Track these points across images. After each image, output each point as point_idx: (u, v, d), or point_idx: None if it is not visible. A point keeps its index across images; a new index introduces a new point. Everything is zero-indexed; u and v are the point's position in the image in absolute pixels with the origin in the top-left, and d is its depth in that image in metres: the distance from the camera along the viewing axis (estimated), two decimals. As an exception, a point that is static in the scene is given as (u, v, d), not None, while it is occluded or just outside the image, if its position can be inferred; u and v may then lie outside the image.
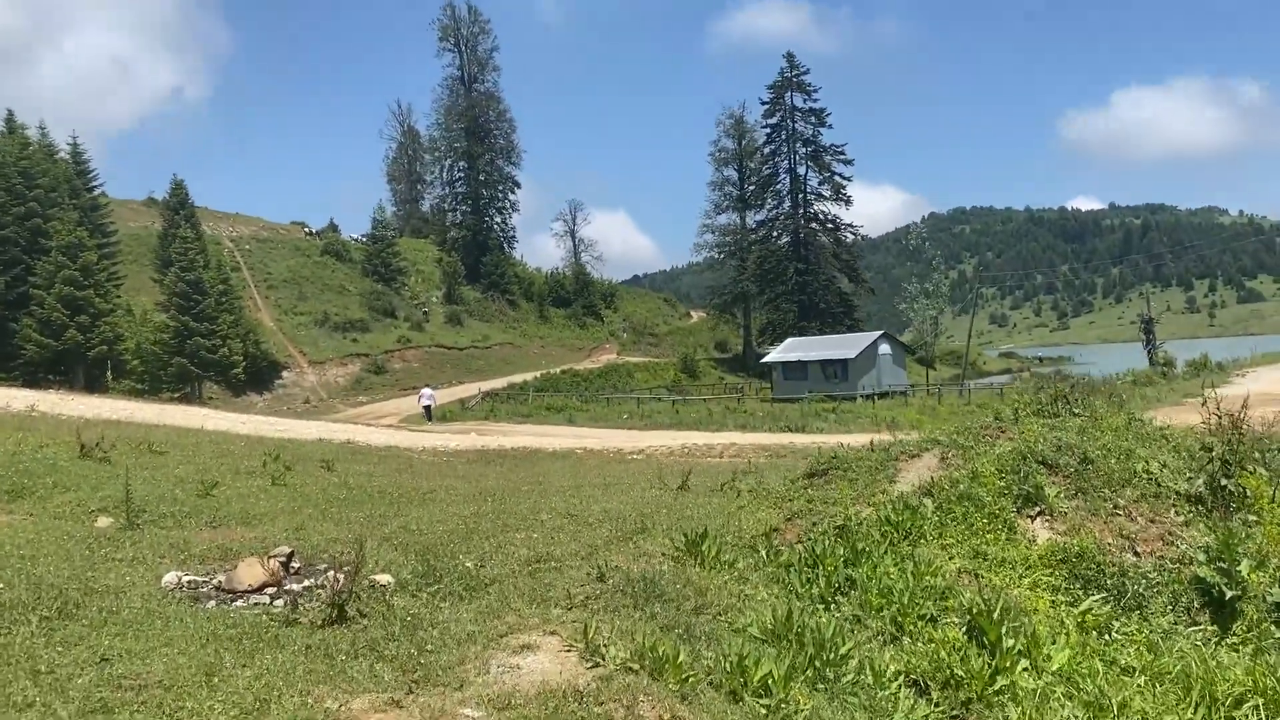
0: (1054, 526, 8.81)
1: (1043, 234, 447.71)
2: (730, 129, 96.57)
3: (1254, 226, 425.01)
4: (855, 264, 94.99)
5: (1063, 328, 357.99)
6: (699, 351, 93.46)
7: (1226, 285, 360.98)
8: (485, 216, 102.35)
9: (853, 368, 64.95)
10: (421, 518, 12.59)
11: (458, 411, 53.57)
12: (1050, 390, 12.04)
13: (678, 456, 24.04)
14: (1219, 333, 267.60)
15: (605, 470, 20.39)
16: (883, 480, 9.83)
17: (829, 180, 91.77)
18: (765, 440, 27.39)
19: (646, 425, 38.11)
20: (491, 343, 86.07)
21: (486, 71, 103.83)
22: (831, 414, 43.63)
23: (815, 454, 22.97)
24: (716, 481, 15.56)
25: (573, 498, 14.42)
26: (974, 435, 10.39)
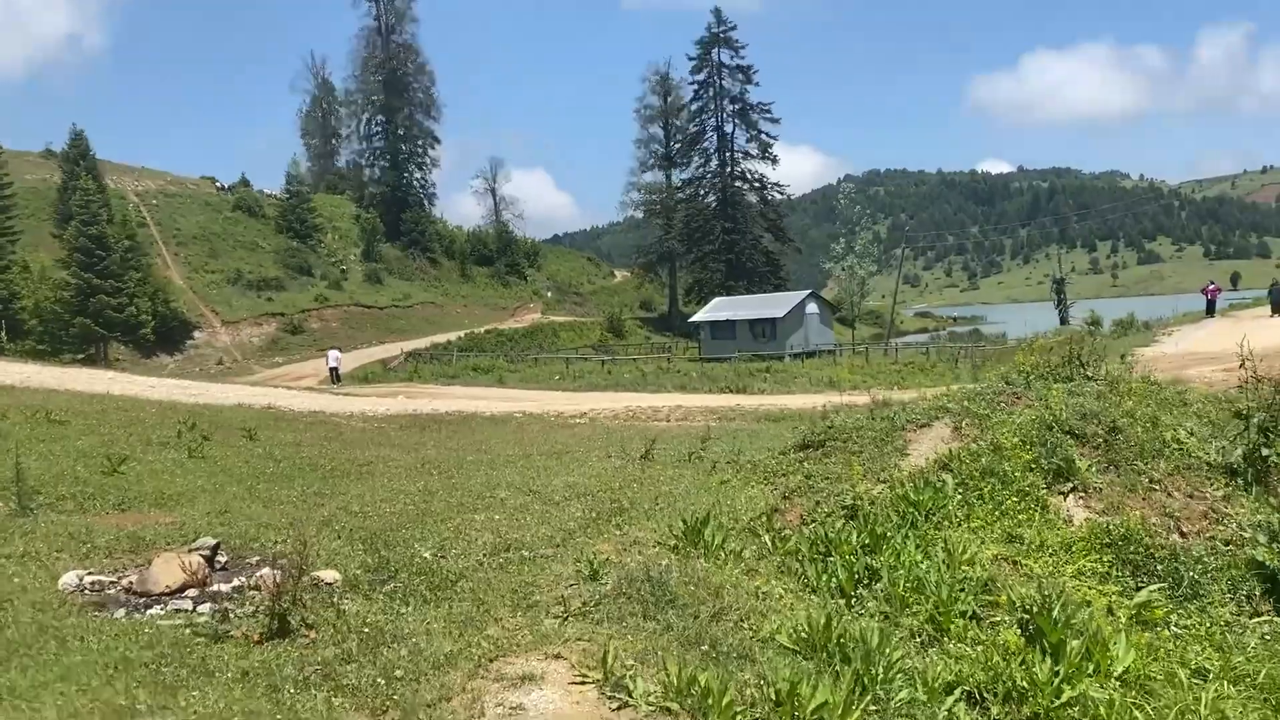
0: (1089, 504, 7.91)
1: (954, 196, 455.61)
2: (656, 86, 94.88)
3: (1154, 190, 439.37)
4: (782, 223, 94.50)
5: (973, 288, 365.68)
6: (624, 311, 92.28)
7: (1128, 247, 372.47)
8: (404, 172, 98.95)
9: (781, 327, 64.55)
10: (363, 496, 11.23)
11: (380, 373, 51.55)
12: (1063, 351, 11.16)
13: (622, 420, 22.92)
14: (1121, 293, 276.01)
15: (550, 436, 19.16)
16: (891, 453, 8.82)
17: (756, 139, 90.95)
18: (709, 402, 26.40)
19: (580, 386, 36.85)
20: (413, 302, 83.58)
21: (405, 22, 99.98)
22: (765, 373, 42.98)
23: (769, 416, 22.19)
24: (679, 449, 14.48)
25: (527, 469, 13.18)
26: (988, 402, 9.44)
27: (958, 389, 11.83)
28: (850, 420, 9.78)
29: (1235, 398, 10.02)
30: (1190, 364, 30.65)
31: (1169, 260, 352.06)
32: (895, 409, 9.89)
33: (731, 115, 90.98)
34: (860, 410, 22.63)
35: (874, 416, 9.76)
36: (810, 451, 9.46)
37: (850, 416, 10.24)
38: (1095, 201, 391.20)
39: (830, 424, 9.69)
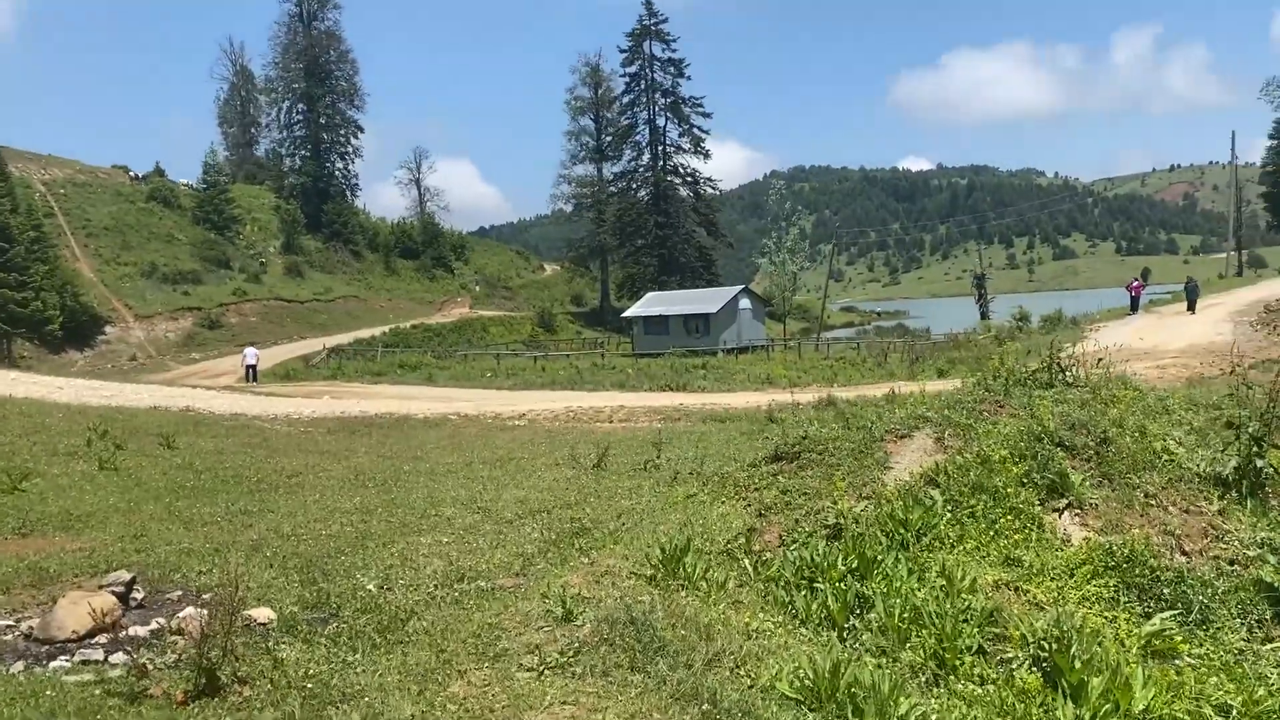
0: (1086, 522, 7.44)
1: (876, 193, 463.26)
2: (587, 77, 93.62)
3: (1069, 188, 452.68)
4: (714, 218, 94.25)
5: (894, 283, 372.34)
6: (556, 306, 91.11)
7: (1043, 243, 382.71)
8: (326, 162, 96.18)
9: (714, 322, 64.29)
10: (295, 514, 10.32)
11: (302, 370, 49.82)
12: (1042, 356, 10.71)
13: (563, 421, 22.16)
14: (1038, 288, 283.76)
15: (490, 441, 18.32)
16: (872, 466, 8.25)
17: (689, 133, 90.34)
18: (651, 401, 25.77)
19: (515, 384, 35.91)
20: (335, 295, 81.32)
21: (327, 9, 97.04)
22: (702, 369, 42.55)
23: (715, 416, 21.65)
24: (633, 457, 13.81)
25: (470, 481, 12.38)
26: (969, 411, 8.92)
27: (933, 395, 11.33)
28: (825, 430, 9.19)
29: (1220, 404, 9.69)
30: (1122, 361, 30.97)
31: (1083, 256, 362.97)
32: (871, 418, 9.33)
33: (664, 109, 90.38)
34: (806, 410, 22.33)
35: (850, 426, 9.19)
36: (784, 464, 8.85)
37: (822, 426, 9.65)
38: (1012, 199, 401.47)
39: (804, 434, 9.09)
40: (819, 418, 16.81)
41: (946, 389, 23.55)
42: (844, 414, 10.41)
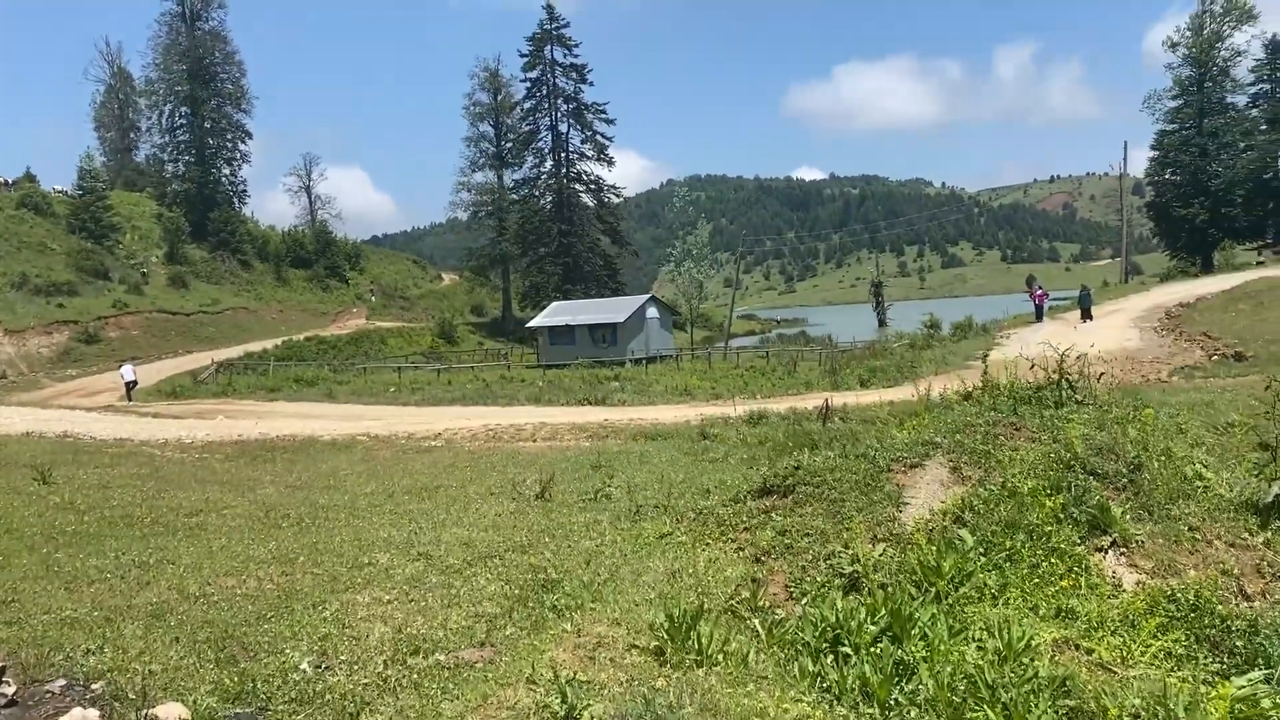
0: (1135, 563, 6.60)
1: (771, 202, 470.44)
2: (486, 82, 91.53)
3: (955, 198, 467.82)
4: (619, 226, 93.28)
5: (790, 291, 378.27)
6: (456, 316, 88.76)
7: (933, 251, 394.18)
8: (212, 168, 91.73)
9: (622, 332, 63.30)
10: (200, 565, 8.84)
11: (190, 386, 46.91)
12: (1047, 371, 9.88)
13: (483, 441, 20.80)
14: (929, 295, 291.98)
15: (409, 466, 16.88)
16: (884, 502, 7.28)
17: (592, 139, 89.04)
18: (573, 417, 24.53)
19: (422, 400, 34.20)
20: (223, 307, 77.51)
21: (211, 8, 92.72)
22: (615, 380, 41.52)
23: (646, 433, 20.58)
24: (578, 485, 12.63)
25: (399, 517, 11.02)
26: (985, 435, 8.03)
27: (882, 404, 10.40)
28: (820, 459, 8.20)
29: (1250, 425, 9.02)
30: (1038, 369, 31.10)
31: (971, 264, 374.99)
32: (871, 443, 8.39)
33: (566, 115, 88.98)
34: (739, 424, 21.47)
35: (846, 453, 8.21)
36: (775, 499, 7.83)
37: (814, 454, 8.67)
38: (902, 208, 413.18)
39: (797, 464, 8.07)
40: (770, 436, 15.95)
41: (893, 399, 23.09)
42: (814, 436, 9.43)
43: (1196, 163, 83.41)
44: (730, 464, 13.77)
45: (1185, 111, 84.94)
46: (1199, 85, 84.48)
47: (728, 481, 11.22)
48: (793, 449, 13.97)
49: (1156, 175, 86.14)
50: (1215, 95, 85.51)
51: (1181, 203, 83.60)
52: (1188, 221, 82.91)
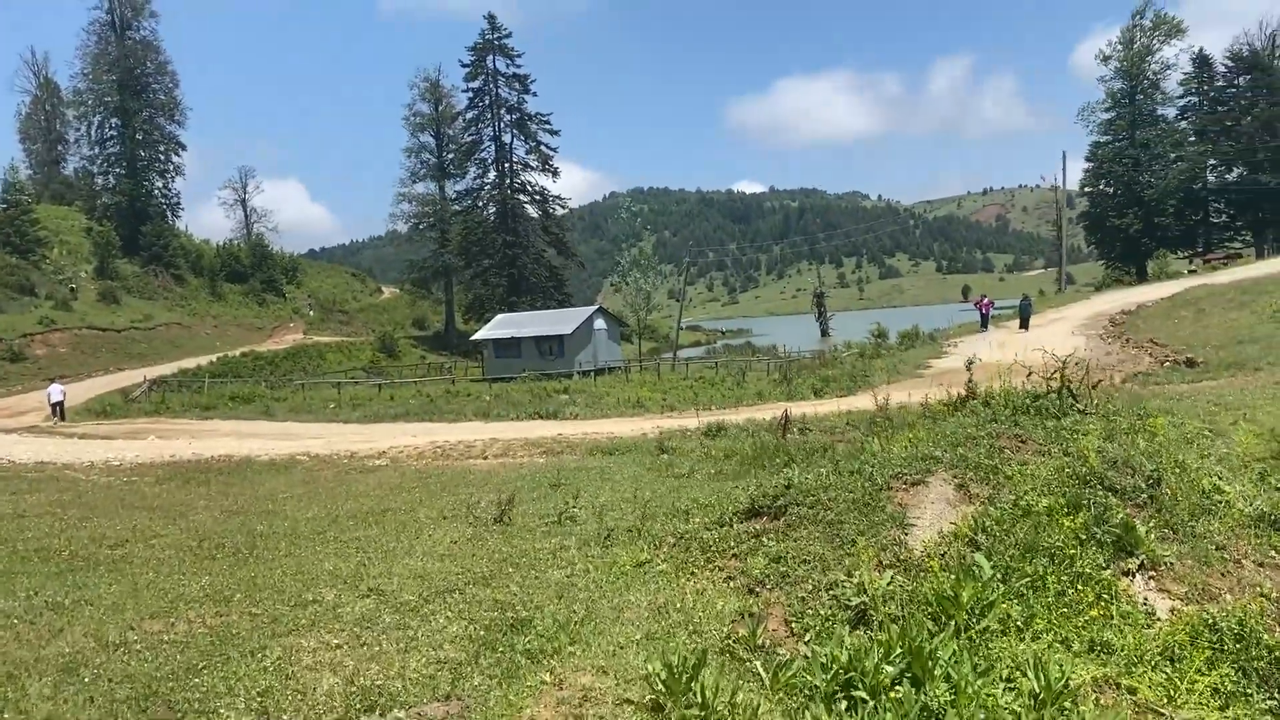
0: (1166, 587, 6.04)
1: (713, 214, 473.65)
2: (426, 93, 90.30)
3: (892, 210, 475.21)
4: (564, 237, 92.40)
5: (733, 302, 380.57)
6: (397, 330, 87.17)
7: (870, 262, 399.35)
8: (144, 181, 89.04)
9: (569, 344, 62.50)
10: (123, 606, 7.92)
11: (121, 405, 44.97)
12: (1047, 378, 9.32)
13: (430, 460, 19.87)
14: (868, 305, 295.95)
15: (352, 487, 15.92)
16: (886, 524, 6.63)
17: (536, 150, 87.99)
18: (525, 432, 23.68)
19: (364, 417, 33.03)
20: (156, 323, 75.12)
21: (142, 17, 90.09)
22: (564, 394, 40.72)
23: (603, 448, 19.82)
24: (538, 505, 11.84)
25: (345, 545, 10.15)
26: (989, 449, 7.44)
27: (840, 414, 9.77)
28: (812, 477, 7.54)
29: (1258, 431, 8.57)
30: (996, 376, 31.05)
31: (907, 275, 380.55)
32: (868, 457, 7.75)
33: (509, 125, 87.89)
34: (697, 436, 20.83)
35: (840, 470, 7.57)
36: (765, 521, 7.15)
37: (805, 470, 8.01)
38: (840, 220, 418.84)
39: (788, 482, 7.41)
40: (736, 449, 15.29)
41: (850, 408, 22.64)
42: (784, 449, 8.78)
43: (1130, 174, 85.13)
44: (697, 480, 13.09)
45: (1118, 123, 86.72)
46: (1130, 98, 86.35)
47: (700, 499, 10.54)
48: (762, 462, 13.37)
49: (1091, 186, 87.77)
50: (1146, 108, 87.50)
51: (1116, 213, 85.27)
52: (1122, 231, 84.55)
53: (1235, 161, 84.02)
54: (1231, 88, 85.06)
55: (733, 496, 8.26)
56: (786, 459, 11.64)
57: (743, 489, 8.43)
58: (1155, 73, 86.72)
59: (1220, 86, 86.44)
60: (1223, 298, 41.51)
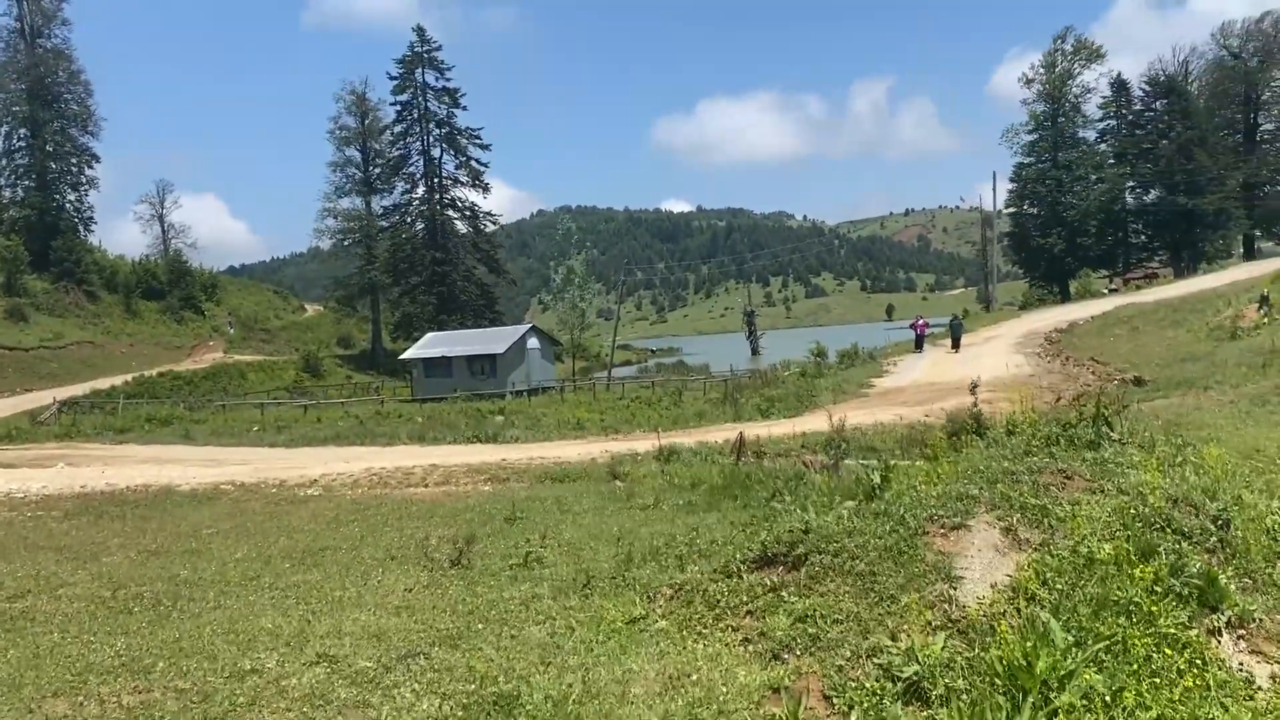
0: (1261, 649, 5.31)
1: (641, 233, 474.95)
2: (353, 106, 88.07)
3: (817, 230, 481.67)
4: (496, 254, 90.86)
5: (661, 320, 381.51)
6: (321, 349, 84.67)
7: (797, 281, 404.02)
8: (55, 194, 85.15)
9: (501, 363, 61.16)
10: (18, 683, 6.69)
11: (27, 428, 42.38)
12: (1083, 405, 8.55)
13: (367, 489, 18.62)
14: (795, 324, 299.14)
15: (285, 521, 14.65)
16: (929, 576, 5.77)
17: (466, 165, 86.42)
18: (466, 457, 22.44)
19: (292, 440, 31.41)
20: (66, 341, 71.75)
21: (54, 24, 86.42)
22: (498, 414, 39.53)
23: (553, 474, 18.78)
24: (498, 543, 10.79)
25: (285, 597, 8.99)
26: (1032, 486, 6.64)
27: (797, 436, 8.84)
28: (833, 520, 6.64)
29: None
30: (943, 394, 30.94)
31: (833, 294, 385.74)
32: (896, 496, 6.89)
33: (439, 139, 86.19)
34: (648, 461, 19.92)
35: (864, 512, 6.69)
36: (782, 571, 6.24)
37: (821, 510, 7.12)
38: (767, 240, 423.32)
39: (805, 525, 6.50)
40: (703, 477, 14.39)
41: (806, 429, 21.94)
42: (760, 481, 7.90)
43: (1053, 194, 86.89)
44: (664, 512, 12.17)
45: (1041, 145, 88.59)
46: (1053, 120, 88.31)
47: (677, 536, 9.64)
48: (733, 492, 12.51)
49: (1015, 206, 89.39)
50: (1068, 130, 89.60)
51: (1040, 232, 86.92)
52: (1046, 250, 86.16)
53: (1153, 183, 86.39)
54: (1149, 111, 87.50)
55: (736, 541, 7.33)
56: (772, 492, 10.80)
57: (748, 535, 7.47)
58: (1076, 96, 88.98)
59: (1139, 110, 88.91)
60: (1153, 316, 42.15)
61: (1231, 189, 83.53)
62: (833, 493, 8.65)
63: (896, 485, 7.46)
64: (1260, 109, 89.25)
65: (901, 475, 8.13)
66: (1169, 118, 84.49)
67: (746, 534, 7.52)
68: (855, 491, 8.24)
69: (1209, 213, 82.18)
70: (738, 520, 9.73)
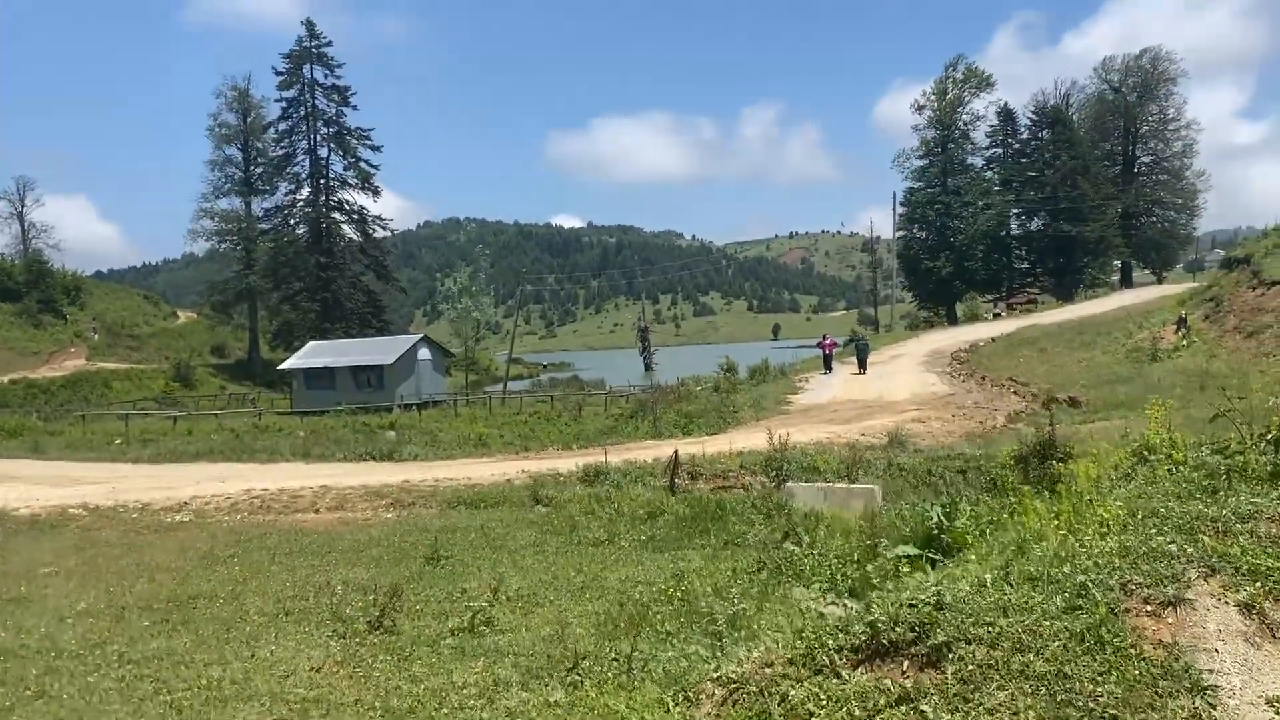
0: None
1: (531, 247, 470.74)
2: (234, 102, 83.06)
3: (705, 249, 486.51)
4: (385, 260, 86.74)
5: (550, 335, 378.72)
6: (194, 357, 79.46)
7: (685, 300, 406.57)
8: (-109, 182, 78.36)
9: (390, 375, 57.92)
10: None
11: None
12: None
13: (247, 513, 15.99)
14: (685, 341, 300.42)
15: (147, 557, 12.03)
16: (1163, 684, 3.81)
17: (355, 166, 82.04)
18: (360, 477, 19.79)
19: (158, 455, 28.01)
20: (-98, 344, 65.42)
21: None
22: (391, 428, 36.72)
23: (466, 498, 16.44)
24: (425, 590, 8.56)
25: (140, 681, 6.64)
26: (1252, 537, 4.78)
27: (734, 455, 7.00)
28: (968, 587, 4.65)
29: None
30: (871, 411, 29.73)
31: (721, 313, 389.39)
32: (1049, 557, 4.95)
33: (327, 139, 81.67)
34: (573, 482, 17.83)
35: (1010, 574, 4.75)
36: (916, 670, 4.25)
37: (951, 578, 5.16)
38: (657, 258, 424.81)
39: (937, 597, 4.52)
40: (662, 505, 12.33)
41: (738, 447, 20.16)
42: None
43: (941, 219, 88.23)
44: (624, 549, 10.12)
45: (930, 170, 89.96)
46: (943, 146, 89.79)
47: (658, 584, 7.62)
48: (704, 525, 10.56)
49: (905, 229, 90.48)
50: (958, 156, 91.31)
51: (929, 255, 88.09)
52: (934, 273, 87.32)
53: (1038, 210, 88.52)
54: (1035, 140, 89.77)
55: (807, 614, 5.32)
56: (786, 528, 8.87)
57: (825, 608, 5.47)
58: (966, 123, 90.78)
59: (1025, 139, 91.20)
60: (1060, 338, 42.12)
61: (1111, 218, 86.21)
62: (874, 533, 6.75)
63: (966, 523, 5.57)
64: (1138, 141, 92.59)
65: (968, 514, 6.30)
66: (1054, 147, 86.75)
67: (821, 603, 5.52)
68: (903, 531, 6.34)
69: (1090, 240, 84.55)
70: (735, 564, 7.77)
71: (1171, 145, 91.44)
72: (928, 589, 4.72)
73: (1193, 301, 35.86)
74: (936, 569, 6.03)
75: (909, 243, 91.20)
